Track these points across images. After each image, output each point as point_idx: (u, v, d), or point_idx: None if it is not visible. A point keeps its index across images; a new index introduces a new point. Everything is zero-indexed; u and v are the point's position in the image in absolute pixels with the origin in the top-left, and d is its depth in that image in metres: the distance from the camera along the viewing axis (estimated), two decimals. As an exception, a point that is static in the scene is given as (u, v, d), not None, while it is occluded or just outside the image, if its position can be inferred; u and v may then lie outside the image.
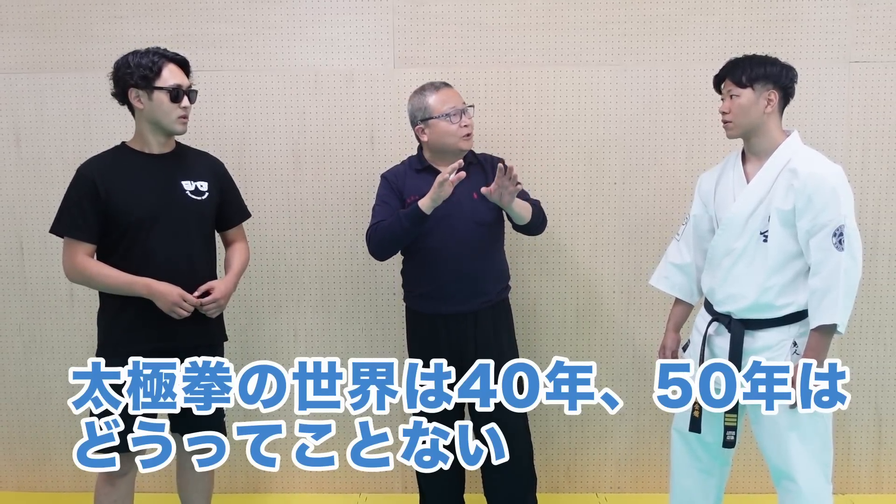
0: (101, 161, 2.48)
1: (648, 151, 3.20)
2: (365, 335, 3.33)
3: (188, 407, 2.42)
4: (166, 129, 2.48)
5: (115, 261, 2.45)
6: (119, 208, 2.42)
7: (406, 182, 2.80)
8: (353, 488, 3.42)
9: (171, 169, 2.53)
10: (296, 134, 3.24)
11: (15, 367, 3.39)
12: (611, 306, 3.29)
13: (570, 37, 3.16)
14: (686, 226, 2.59)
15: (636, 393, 3.32)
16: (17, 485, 3.45)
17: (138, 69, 2.40)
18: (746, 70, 2.32)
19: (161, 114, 2.43)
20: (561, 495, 3.37)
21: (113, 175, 2.44)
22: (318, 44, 3.19)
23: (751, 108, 2.32)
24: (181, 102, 2.45)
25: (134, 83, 2.41)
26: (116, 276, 2.42)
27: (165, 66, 2.43)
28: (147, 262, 2.45)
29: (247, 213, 2.80)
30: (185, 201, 2.51)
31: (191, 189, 2.54)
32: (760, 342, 2.34)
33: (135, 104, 2.44)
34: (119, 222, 2.43)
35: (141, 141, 2.51)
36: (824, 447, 2.32)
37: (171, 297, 2.41)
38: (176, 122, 2.46)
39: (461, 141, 2.70)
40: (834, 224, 2.22)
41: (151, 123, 2.46)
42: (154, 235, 2.46)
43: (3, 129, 3.25)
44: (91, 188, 2.41)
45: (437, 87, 2.74)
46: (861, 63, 3.13)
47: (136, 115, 2.48)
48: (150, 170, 2.49)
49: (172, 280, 2.45)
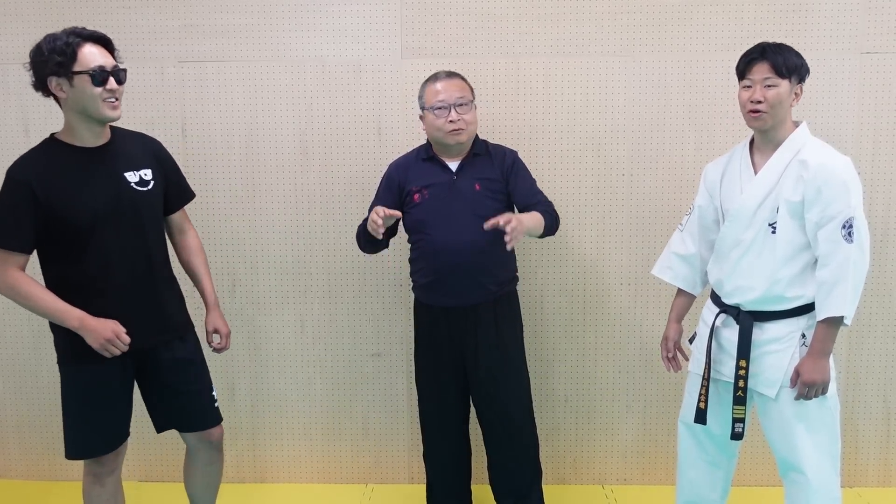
0: (34, 161, 2.24)
1: (656, 143, 3.19)
2: (372, 326, 3.33)
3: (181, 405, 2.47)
4: (96, 117, 2.23)
5: (68, 267, 2.26)
6: (62, 213, 2.20)
7: (410, 171, 2.79)
8: (359, 479, 3.43)
9: (111, 162, 2.31)
10: (303, 124, 3.24)
11: (25, 357, 3.41)
12: (618, 298, 3.28)
13: (578, 27, 3.15)
14: (690, 216, 2.57)
15: (643, 385, 3.31)
16: (26, 473, 3.48)
17: (52, 55, 2.16)
18: (788, 59, 2.24)
19: (86, 100, 2.19)
20: (567, 487, 3.37)
21: (50, 176, 2.21)
22: (326, 34, 3.19)
23: (785, 101, 2.26)
24: (107, 85, 2.20)
25: (51, 71, 2.17)
26: (51, 301, 2.21)
27: (82, 48, 2.19)
28: (103, 265, 2.27)
29: (191, 194, 2.61)
30: (132, 195, 2.32)
31: (135, 181, 2.34)
32: (769, 334, 2.33)
33: (57, 94, 2.21)
34: (64, 228, 2.22)
35: (72, 133, 2.27)
36: (832, 439, 2.32)
37: (103, 334, 2.20)
38: (104, 106, 2.21)
39: (447, 136, 2.68)
40: (843, 216, 2.20)
41: (79, 113, 2.22)
42: (106, 237, 2.26)
43: (12, 119, 3.26)
44: (27, 193, 2.17)
45: (437, 79, 2.73)
46: (872, 54, 3.10)
47: (63, 106, 2.25)
48: (88, 165, 2.27)
49: (134, 282, 2.32)
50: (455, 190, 2.70)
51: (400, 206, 2.79)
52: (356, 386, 3.38)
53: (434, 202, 2.70)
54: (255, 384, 3.37)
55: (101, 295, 2.28)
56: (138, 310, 2.34)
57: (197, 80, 3.20)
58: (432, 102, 2.69)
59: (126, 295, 2.32)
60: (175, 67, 3.21)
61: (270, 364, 3.36)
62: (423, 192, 2.74)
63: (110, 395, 2.36)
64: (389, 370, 3.36)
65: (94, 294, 2.27)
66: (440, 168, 2.76)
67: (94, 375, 2.32)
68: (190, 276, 2.62)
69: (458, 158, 2.75)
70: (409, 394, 3.35)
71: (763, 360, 2.33)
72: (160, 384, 2.46)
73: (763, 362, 2.33)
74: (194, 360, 2.52)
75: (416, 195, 2.75)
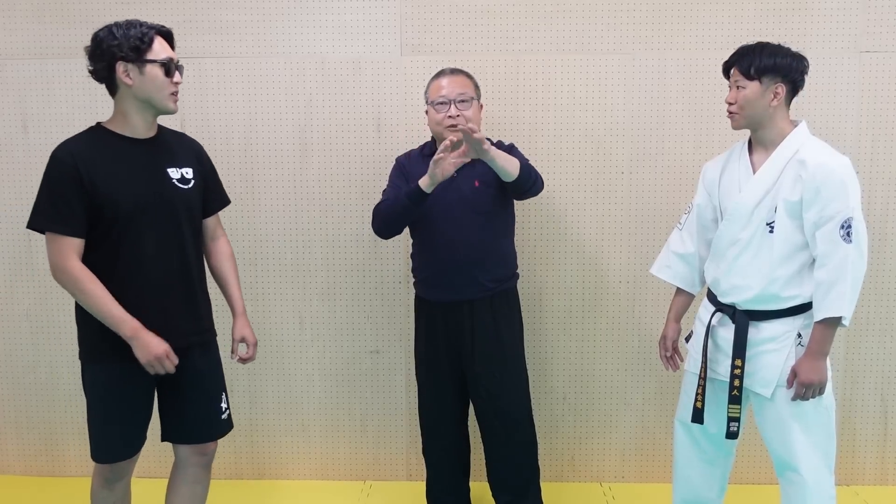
0: (79, 145, 2.21)
1: (656, 140, 3.19)
2: (371, 323, 3.34)
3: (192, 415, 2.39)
4: (158, 107, 2.24)
5: (100, 259, 2.20)
6: (104, 199, 2.16)
7: (414, 166, 2.80)
8: (358, 475, 3.44)
9: (157, 155, 2.29)
10: (302, 121, 3.23)
11: (23, 354, 3.41)
12: (617, 295, 3.28)
13: (578, 25, 3.14)
14: (689, 215, 2.57)
15: (642, 382, 3.32)
16: (24, 469, 3.48)
17: (127, 40, 2.15)
18: (755, 61, 2.28)
19: (154, 89, 2.19)
20: (565, 484, 3.37)
21: (96, 161, 2.18)
22: (325, 31, 3.18)
23: (757, 101, 2.29)
24: (173, 77, 2.23)
25: (123, 55, 2.15)
26: (111, 304, 2.15)
27: (156, 38, 2.21)
28: (136, 260, 2.22)
29: (227, 200, 2.59)
30: (173, 191, 2.29)
31: (177, 177, 2.31)
32: (765, 333, 2.33)
33: (122, 80, 2.18)
34: (103, 216, 2.17)
35: (123, 123, 2.25)
36: (827, 438, 2.32)
37: (156, 350, 2.16)
38: (168, 98, 2.23)
39: (446, 131, 2.68)
40: (842, 216, 2.20)
41: (141, 101, 2.21)
42: (143, 230, 2.22)
43: (11, 116, 3.26)
44: (73, 174, 2.14)
45: (440, 74, 2.74)
46: (872, 53, 3.10)
47: (121, 94, 2.22)
48: (135, 156, 2.24)
49: (167, 279, 2.28)
50: (455, 187, 2.70)
51: None
52: (355, 383, 3.38)
53: (434, 198, 2.70)
54: (254, 381, 3.37)
55: (133, 288, 2.22)
56: (170, 307, 2.29)
57: (196, 76, 3.20)
58: (434, 97, 2.71)
59: (159, 291, 2.26)
60: (174, 64, 3.20)
61: (269, 361, 3.36)
62: None
63: (137, 395, 2.30)
64: (388, 367, 3.36)
65: (127, 287, 2.21)
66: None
67: (122, 375, 2.25)
68: (218, 282, 2.55)
69: None
70: (407, 391, 3.36)
71: (759, 359, 2.33)
72: (177, 391, 2.37)
73: (759, 362, 2.33)
74: (214, 372, 2.46)
75: None
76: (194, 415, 2.41)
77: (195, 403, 2.40)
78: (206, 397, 2.42)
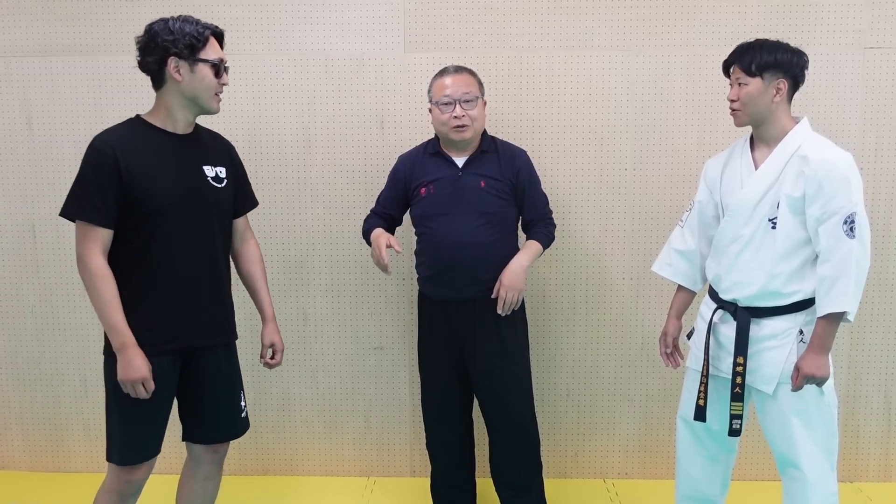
0: (120, 135, 2.19)
1: (659, 137, 3.19)
2: (374, 320, 3.34)
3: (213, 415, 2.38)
4: (203, 106, 2.26)
5: (132, 251, 2.19)
6: (141, 192, 2.15)
7: (416, 166, 2.80)
8: (362, 472, 3.45)
9: (194, 152, 2.30)
10: (306, 118, 3.24)
11: (28, 349, 3.42)
12: (620, 293, 3.28)
13: (581, 21, 3.14)
14: (690, 212, 2.57)
15: (645, 379, 3.32)
16: (29, 465, 3.50)
17: (184, 37, 2.16)
18: (756, 57, 2.28)
19: (203, 89, 2.21)
20: (569, 481, 3.38)
21: (135, 153, 2.16)
22: (329, 27, 3.19)
23: (759, 98, 2.29)
24: (221, 78, 2.25)
25: (178, 51, 2.16)
26: (115, 310, 2.13)
27: (210, 38, 2.22)
28: (168, 255, 2.21)
29: (255, 202, 2.58)
30: (207, 189, 2.29)
31: (212, 175, 2.32)
32: (766, 330, 2.33)
33: (172, 75, 2.18)
34: (139, 208, 2.16)
35: (165, 117, 2.25)
36: (829, 435, 2.32)
37: (138, 372, 2.12)
38: (214, 99, 2.26)
39: (451, 131, 2.68)
40: (845, 211, 2.19)
41: (187, 99, 2.22)
42: (176, 226, 2.21)
43: (15, 113, 3.27)
44: (112, 165, 2.12)
45: (444, 73, 2.73)
46: (876, 49, 3.10)
47: (167, 88, 2.22)
48: (174, 151, 2.24)
49: (197, 276, 2.27)
50: (460, 186, 2.71)
51: (405, 200, 2.83)
52: (358, 379, 3.39)
53: (438, 197, 2.71)
54: (258, 377, 3.38)
55: (163, 283, 2.22)
56: (199, 304, 2.28)
57: (200, 73, 3.20)
58: (438, 97, 2.69)
59: (189, 287, 2.25)
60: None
61: (273, 357, 3.37)
62: (430, 186, 2.75)
63: (161, 392, 2.23)
64: (391, 364, 3.37)
65: (157, 281, 2.21)
66: (446, 163, 2.76)
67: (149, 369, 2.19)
68: (248, 286, 2.55)
69: (464, 154, 2.75)
70: (411, 387, 3.36)
71: (761, 356, 2.33)
72: (200, 391, 2.36)
73: (761, 358, 2.33)
74: (236, 373, 2.45)
75: (422, 189, 2.76)
76: (217, 414, 2.40)
77: (218, 403, 2.40)
78: (229, 397, 2.43)
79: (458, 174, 2.73)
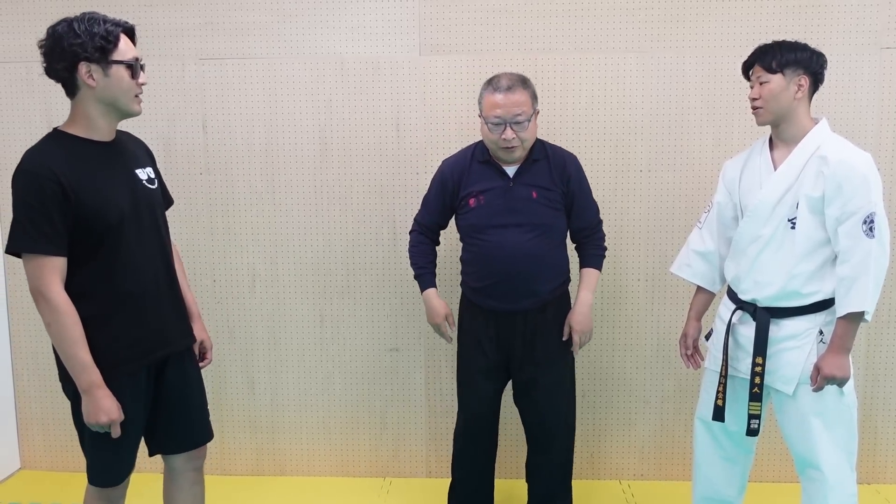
0: (52, 154, 1.99)
1: (675, 139, 3.19)
2: (390, 322, 3.36)
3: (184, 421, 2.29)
4: (123, 110, 2.08)
5: (93, 273, 2.04)
6: (90, 211, 1.99)
7: (466, 173, 2.71)
8: (377, 472, 3.46)
9: (123, 158, 2.14)
10: (322, 121, 3.26)
11: (49, 350, 3.40)
12: (635, 294, 3.28)
13: (596, 23, 3.15)
14: (709, 213, 2.57)
15: (661, 381, 3.32)
16: (49, 465, 3.54)
17: (93, 39, 1.97)
18: (777, 55, 2.29)
19: (120, 92, 2.03)
20: (584, 482, 3.37)
21: (75, 170, 1.99)
22: (344, 31, 3.21)
23: (781, 94, 2.30)
24: (139, 78, 2.07)
25: (88, 55, 1.97)
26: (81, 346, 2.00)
27: (121, 37, 2.03)
28: (130, 269, 2.09)
29: (171, 200, 2.42)
30: (146, 193, 2.16)
31: (145, 178, 2.18)
32: (786, 330, 2.33)
33: (85, 81, 1.99)
34: (93, 228, 2.01)
35: (87, 127, 2.06)
36: (849, 436, 2.31)
37: (109, 415, 2.00)
38: (134, 101, 2.08)
39: (500, 151, 2.62)
40: (864, 211, 2.19)
41: (106, 104, 2.05)
42: (129, 237, 2.09)
43: (36, 116, 3.31)
44: (55, 189, 1.94)
45: (497, 88, 2.57)
46: (892, 49, 3.08)
47: (82, 95, 2.03)
48: (106, 160, 2.08)
49: (157, 286, 2.17)
50: (511, 196, 2.63)
51: (453, 208, 2.77)
52: (374, 380, 3.40)
53: (489, 208, 2.64)
54: (275, 378, 3.41)
55: (130, 299, 2.10)
56: (164, 313, 2.20)
57: (217, 77, 3.24)
58: (488, 115, 2.57)
59: (152, 297, 2.16)
60: (196, 65, 3.24)
61: (290, 359, 3.40)
62: (479, 197, 2.67)
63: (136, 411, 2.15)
64: (407, 365, 3.38)
65: (124, 298, 2.09)
66: (497, 173, 2.67)
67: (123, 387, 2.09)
68: None
69: (515, 163, 2.67)
70: (426, 388, 3.37)
71: (780, 356, 2.33)
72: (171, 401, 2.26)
73: (780, 359, 2.33)
74: (199, 375, 2.37)
75: (471, 199, 2.68)
76: (192, 418, 2.32)
77: (192, 406, 2.32)
78: (199, 401, 2.35)
79: (508, 185, 2.65)
